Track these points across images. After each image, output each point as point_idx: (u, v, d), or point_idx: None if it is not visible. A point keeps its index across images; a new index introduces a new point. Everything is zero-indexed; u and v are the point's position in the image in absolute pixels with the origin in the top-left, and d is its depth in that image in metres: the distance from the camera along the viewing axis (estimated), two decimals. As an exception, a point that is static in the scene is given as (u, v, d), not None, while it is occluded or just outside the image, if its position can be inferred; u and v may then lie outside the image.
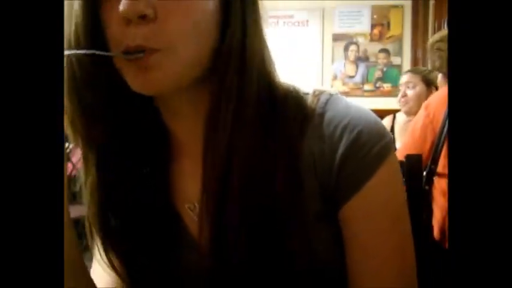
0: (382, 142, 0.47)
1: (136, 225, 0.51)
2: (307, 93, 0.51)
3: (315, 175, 0.47)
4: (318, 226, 0.48)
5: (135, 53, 0.42)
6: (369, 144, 0.47)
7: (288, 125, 0.48)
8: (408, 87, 2.28)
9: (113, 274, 0.54)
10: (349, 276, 0.49)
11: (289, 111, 0.49)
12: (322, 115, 0.48)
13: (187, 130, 0.52)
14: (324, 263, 0.48)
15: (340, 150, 0.46)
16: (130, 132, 0.50)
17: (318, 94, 0.50)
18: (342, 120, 0.47)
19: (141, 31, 0.42)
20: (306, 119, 0.48)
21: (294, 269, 0.46)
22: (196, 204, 0.51)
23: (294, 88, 0.52)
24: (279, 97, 0.50)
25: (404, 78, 2.33)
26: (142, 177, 0.51)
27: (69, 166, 3.39)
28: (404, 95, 2.28)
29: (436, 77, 2.04)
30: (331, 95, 0.50)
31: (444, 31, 1.95)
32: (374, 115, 0.50)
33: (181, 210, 0.53)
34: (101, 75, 0.46)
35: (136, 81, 0.44)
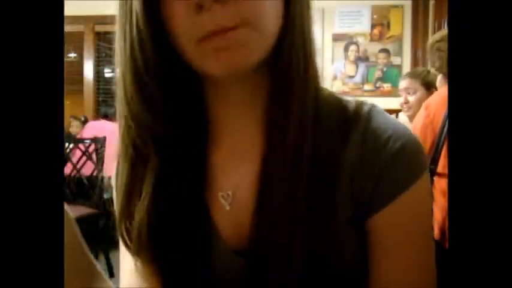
0: (422, 156, 0.50)
1: (170, 220, 0.50)
2: (349, 101, 0.53)
3: (351, 180, 0.48)
4: (347, 229, 0.48)
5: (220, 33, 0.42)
6: (411, 157, 0.48)
7: (331, 127, 0.49)
8: (409, 93, 2.27)
9: (142, 276, 0.54)
10: (371, 281, 0.49)
11: (333, 114, 0.51)
12: (366, 123, 0.49)
13: (235, 118, 0.52)
14: (349, 266, 0.49)
15: (383, 158, 0.48)
16: (178, 123, 0.50)
17: (360, 102, 0.52)
18: (387, 130, 0.49)
19: (222, 12, 0.41)
20: (350, 124, 0.50)
21: (323, 270, 0.47)
22: (230, 193, 0.51)
23: (333, 92, 0.54)
24: (321, 97, 0.51)
25: (403, 84, 2.31)
26: (184, 170, 0.51)
27: (69, 166, 3.37)
28: (406, 102, 2.28)
29: (435, 78, 2.04)
30: (373, 105, 0.52)
31: (444, 31, 1.94)
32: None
33: (210, 200, 0.52)
34: (163, 64, 0.46)
35: (219, 61, 0.43)
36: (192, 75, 0.47)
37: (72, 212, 0.46)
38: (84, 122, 4.27)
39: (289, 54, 0.47)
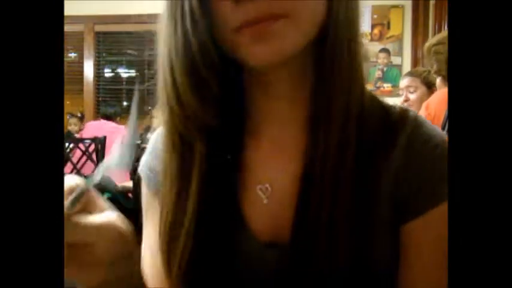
0: None
1: (207, 210, 0.50)
2: (391, 104, 0.53)
3: (394, 182, 0.48)
4: (384, 230, 0.48)
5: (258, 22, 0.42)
6: None
7: (376, 127, 0.50)
8: (409, 91, 2.27)
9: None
10: (402, 283, 0.49)
11: (377, 114, 0.51)
12: (414, 128, 0.50)
13: (276, 111, 0.52)
14: (381, 266, 0.49)
15: (429, 165, 0.48)
16: (224, 115, 0.50)
17: (406, 109, 0.52)
18: (433, 138, 0.49)
19: (262, 2, 0.42)
20: (397, 127, 0.50)
21: (358, 268, 0.47)
22: (269, 186, 0.52)
23: (373, 93, 0.54)
24: (367, 96, 0.51)
25: (404, 82, 2.32)
26: (223, 163, 0.51)
27: (69, 166, 3.38)
28: (407, 100, 2.28)
29: (436, 78, 2.04)
30: (416, 112, 0.52)
31: (440, 34, 1.95)
32: None
33: (246, 192, 0.52)
34: (216, 56, 0.46)
35: (256, 52, 0.44)
36: (234, 67, 0.48)
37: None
38: (81, 118, 4.28)
39: (333, 48, 0.47)
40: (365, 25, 3.84)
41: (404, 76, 2.40)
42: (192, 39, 0.45)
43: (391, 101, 0.56)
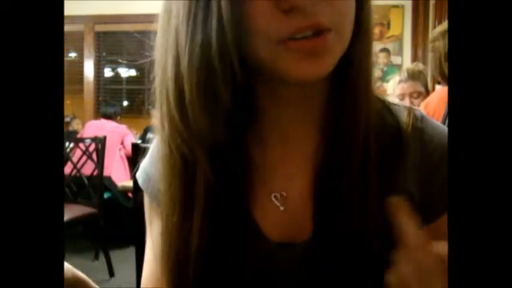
0: None
1: (220, 223, 0.50)
2: (396, 104, 0.53)
3: (407, 186, 0.49)
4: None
5: (310, 35, 0.41)
6: None
7: (386, 130, 0.50)
8: (414, 97, 2.21)
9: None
10: None
11: (386, 117, 0.51)
12: (420, 131, 0.50)
13: (288, 120, 0.51)
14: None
15: (440, 170, 0.48)
16: (230, 128, 0.48)
17: (410, 108, 0.52)
18: (442, 139, 0.49)
19: (313, 11, 0.40)
20: (405, 132, 0.50)
21: (373, 273, 0.46)
22: (284, 193, 0.51)
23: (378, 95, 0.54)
24: (374, 98, 0.51)
25: (407, 89, 2.20)
26: (233, 172, 0.50)
27: (69, 166, 3.36)
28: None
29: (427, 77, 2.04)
30: (421, 111, 0.52)
31: (438, 28, 1.90)
32: None
33: (258, 200, 0.52)
34: (238, 67, 0.43)
35: (304, 67, 0.42)
36: (247, 76, 0.46)
37: (72, 212, 0.45)
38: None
39: (360, 59, 0.46)
40: (365, 25, 3.84)
41: (406, 80, 2.27)
42: (214, 46, 0.41)
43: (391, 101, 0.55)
